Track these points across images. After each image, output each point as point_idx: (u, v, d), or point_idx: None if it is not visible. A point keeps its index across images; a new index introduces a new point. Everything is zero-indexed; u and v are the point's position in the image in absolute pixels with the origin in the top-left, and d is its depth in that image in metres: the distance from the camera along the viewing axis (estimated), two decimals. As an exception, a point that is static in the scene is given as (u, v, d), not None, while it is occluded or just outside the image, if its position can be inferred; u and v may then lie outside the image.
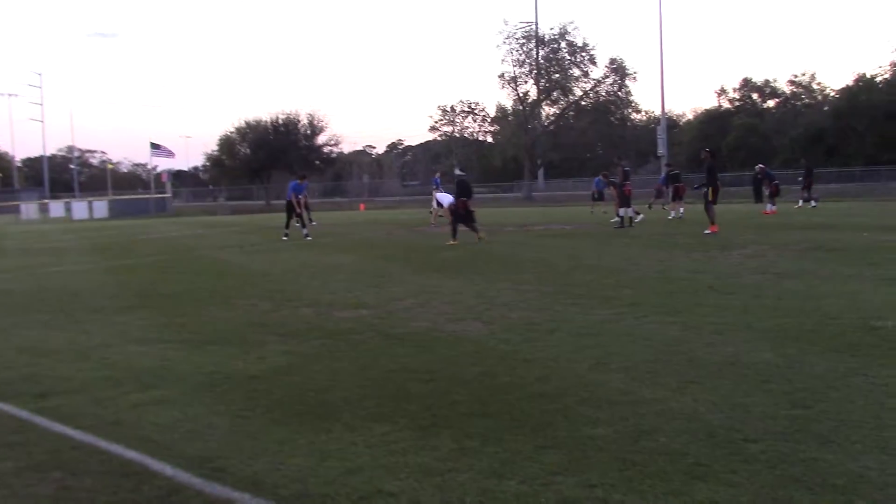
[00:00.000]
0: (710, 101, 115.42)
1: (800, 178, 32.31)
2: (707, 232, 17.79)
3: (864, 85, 67.94)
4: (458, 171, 20.42)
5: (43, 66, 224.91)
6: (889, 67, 67.95)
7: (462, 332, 7.30)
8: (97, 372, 6.24)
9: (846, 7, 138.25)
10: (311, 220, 25.38)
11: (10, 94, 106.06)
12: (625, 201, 21.84)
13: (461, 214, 18.12)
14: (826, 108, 73.93)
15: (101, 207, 59.70)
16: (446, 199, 21.85)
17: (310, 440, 4.35)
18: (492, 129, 73.39)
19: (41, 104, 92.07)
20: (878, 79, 67.97)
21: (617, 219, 22.19)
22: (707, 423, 4.35)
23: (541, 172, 71.60)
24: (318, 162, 76.96)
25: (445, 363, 6.07)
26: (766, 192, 29.17)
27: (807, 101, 77.73)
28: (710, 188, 18.93)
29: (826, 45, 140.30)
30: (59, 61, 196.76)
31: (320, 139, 76.02)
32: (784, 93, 78.68)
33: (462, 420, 4.59)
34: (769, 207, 27.07)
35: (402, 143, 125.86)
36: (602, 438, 4.17)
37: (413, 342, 6.93)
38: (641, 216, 23.80)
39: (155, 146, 62.21)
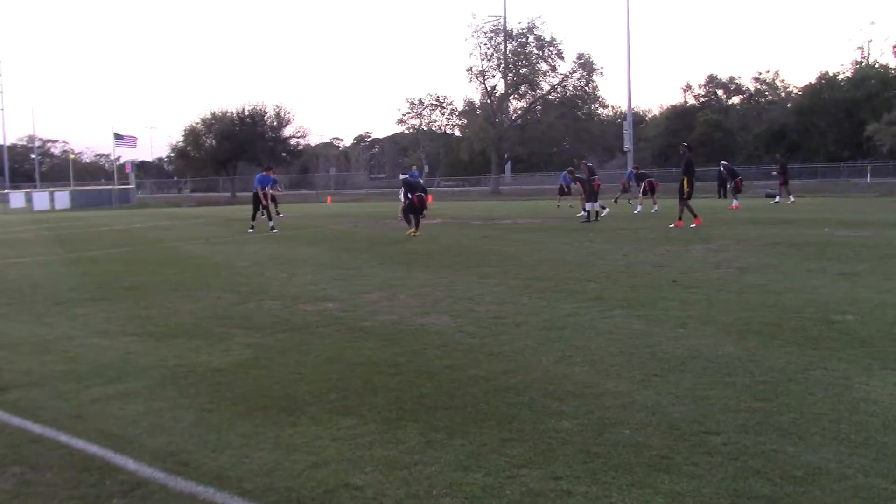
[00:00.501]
0: (676, 97, 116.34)
1: (774, 173, 32.69)
2: (693, 226, 18.10)
3: (827, 83, 68.92)
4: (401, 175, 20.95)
5: (2, 52, 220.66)
6: (851, 66, 69.02)
7: (428, 326, 7.31)
8: (58, 365, 6.16)
9: (810, 6, 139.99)
10: (277, 213, 25.27)
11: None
12: (592, 196, 22.08)
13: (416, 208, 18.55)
14: (789, 106, 74.90)
15: (62, 198, 58.93)
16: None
17: (275, 434, 4.33)
18: (459, 122, 73.31)
19: (1, 92, 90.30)
20: (840, 77, 68.99)
21: (583, 213, 22.40)
22: (670, 416, 4.40)
23: (508, 166, 71.77)
24: (284, 154, 76.54)
25: (412, 356, 6.07)
26: (731, 187, 29.56)
27: (770, 98, 78.66)
28: (686, 181, 19.15)
29: (790, 44, 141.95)
30: (20, 47, 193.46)
31: (287, 131, 75.65)
32: (748, 90, 79.58)
33: (428, 413, 4.60)
34: (734, 203, 27.30)
35: (369, 136, 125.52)
36: (567, 431, 4.20)
37: (379, 335, 6.93)
38: (607, 210, 23.99)
39: (118, 136, 61.56)
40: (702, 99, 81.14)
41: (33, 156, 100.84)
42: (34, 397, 5.23)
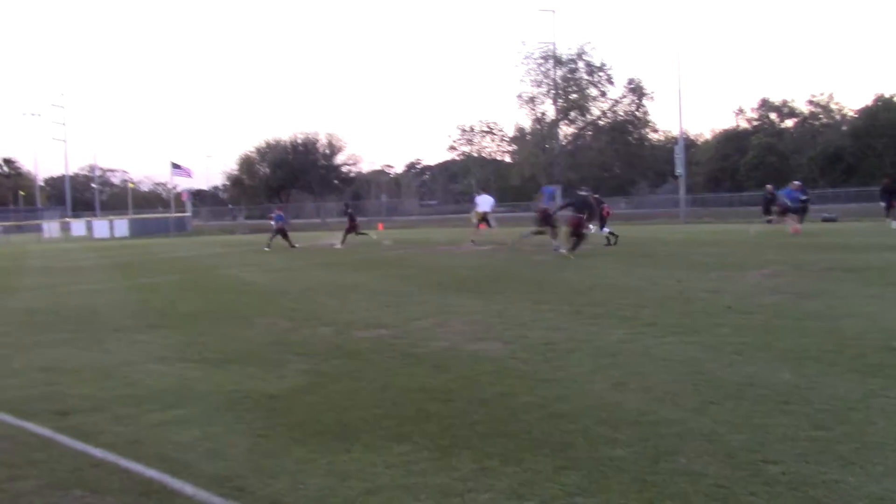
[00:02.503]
0: (728, 121, 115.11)
1: (882, 203, 30.56)
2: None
3: (884, 104, 67.70)
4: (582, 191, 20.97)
5: (66, 85, 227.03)
6: (908, 87, 67.58)
7: (481, 352, 7.31)
8: (118, 390, 6.29)
9: (865, 28, 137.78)
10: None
11: (33, 114, 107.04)
12: (602, 221, 22.95)
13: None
14: (844, 128, 73.71)
15: (121, 226, 60.22)
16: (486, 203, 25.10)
17: (329, 460, 4.37)
18: (510, 148, 73.41)
19: (64, 124, 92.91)
20: (896, 98, 67.73)
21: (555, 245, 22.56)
22: (727, 445, 4.33)
23: (558, 191, 71.53)
24: (336, 181, 77.44)
25: (464, 383, 6.08)
26: (772, 210, 28.71)
27: (825, 120, 77.51)
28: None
29: (844, 66, 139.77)
30: (82, 81, 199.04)
31: (339, 159, 76.62)
32: (802, 113, 78.51)
33: (482, 440, 4.60)
34: (794, 226, 26.38)
35: (419, 163, 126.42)
36: (621, 459, 4.17)
37: (432, 362, 6.95)
38: (614, 238, 23.52)
39: (175, 166, 62.78)
40: (754, 122, 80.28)
41: (94, 185, 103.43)
42: (95, 422, 5.34)
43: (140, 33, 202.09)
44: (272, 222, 29.78)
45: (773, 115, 79.87)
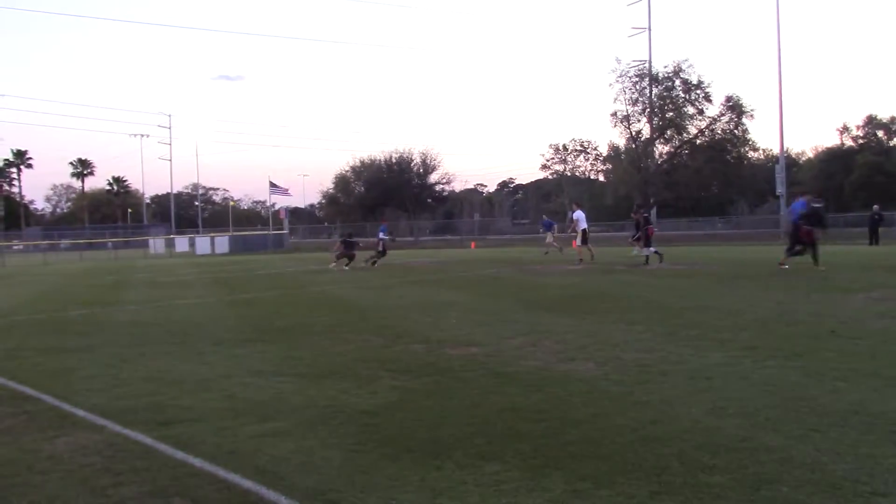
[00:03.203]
0: (831, 139, 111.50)
1: None
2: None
3: None
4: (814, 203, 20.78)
5: (172, 107, 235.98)
6: None
7: (573, 372, 7.23)
8: (217, 402, 6.46)
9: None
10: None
11: (141, 135, 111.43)
12: (647, 241, 23.24)
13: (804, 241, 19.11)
14: (958, 146, 70.59)
15: (222, 243, 61.94)
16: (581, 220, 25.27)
17: (421, 476, 4.38)
18: (604, 167, 72.83)
19: (170, 144, 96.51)
20: None
21: (642, 255, 23.56)
22: (831, 474, 4.16)
23: (654, 211, 70.46)
24: (430, 200, 78.08)
25: (556, 403, 6.02)
26: None
27: (937, 138, 74.33)
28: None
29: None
30: (187, 103, 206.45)
31: (433, 177, 77.28)
32: (912, 130, 75.48)
33: (574, 461, 4.54)
34: None
35: (512, 182, 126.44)
36: (720, 486, 4.05)
37: (524, 381, 6.90)
38: (658, 259, 23.06)
39: (273, 185, 64.35)
40: (860, 140, 77.58)
41: (197, 203, 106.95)
42: (195, 432, 5.49)
43: (242, 56, 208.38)
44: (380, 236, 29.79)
45: (880, 133, 77.01)
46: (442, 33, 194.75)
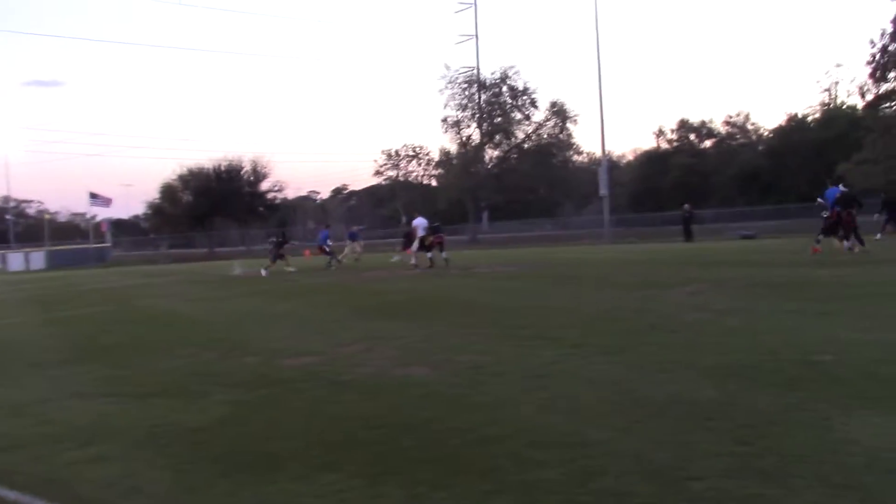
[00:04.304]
0: (649, 142, 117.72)
1: (876, 216, 29.01)
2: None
3: (797, 124, 70.18)
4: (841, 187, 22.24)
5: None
6: (819, 107, 70.33)
7: (408, 377, 7.27)
8: (33, 428, 6.06)
9: (777, 49, 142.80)
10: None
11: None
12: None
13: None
14: (761, 148, 76.11)
15: (37, 258, 58.42)
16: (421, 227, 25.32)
17: (254, 492, 4.27)
18: (436, 172, 73.72)
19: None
20: (809, 118, 70.26)
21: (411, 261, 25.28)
22: (653, 463, 4.38)
23: (485, 215, 72.09)
24: (261, 208, 76.59)
25: (392, 409, 6.03)
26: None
27: (742, 140, 79.87)
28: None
29: (759, 87, 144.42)
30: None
31: (264, 185, 75.85)
32: (720, 133, 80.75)
33: (411, 466, 4.55)
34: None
35: (346, 188, 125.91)
36: (550, 481, 4.17)
37: (359, 389, 6.88)
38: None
39: (93, 196, 61.42)
40: (675, 143, 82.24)
41: (8, 216, 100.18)
42: (9, 461, 5.14)
43: (55, 60, 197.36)
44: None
45: (692, 136, 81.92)
46: (271, 37, 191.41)
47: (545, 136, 65.82)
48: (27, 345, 11.38)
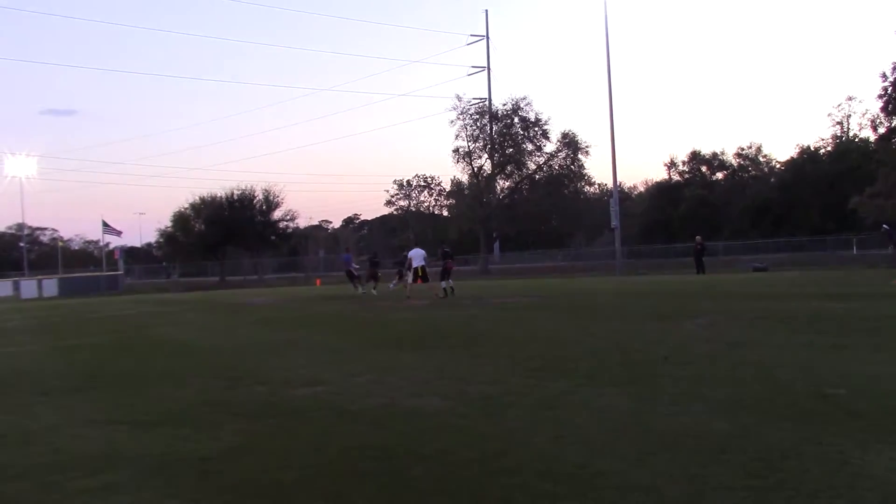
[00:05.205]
0: (660, 173, 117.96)
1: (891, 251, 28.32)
2: None
3: (809, 157, 70.21)
4: None
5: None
6: (831, 140, 70.39)
7: (419, 408, 7.23)
8: (43, 457, 6.04)
9: (789, 82, 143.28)
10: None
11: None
12: (445, 275, 25.98)
13: None
14: (772, 180, 76.08)
15: (50, 286, 58.65)
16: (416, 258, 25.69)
17: (263, 523, 4.24)
18: (447, 202, 74.02)
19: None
20: (821, 151, 70.29)
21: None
22: (664, 496, 4.33)
23: (496, 245, 72.19)
24: (273, 237, 76.85)
25: (402, 439, 5.99)
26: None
27: (753, 172, 79.90)
28: None
29: (771, 119, 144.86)
30: (10, 138, 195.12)
31: (276, 214, 76.15)
32: (731, 165, 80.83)
33: (420, 498, 4.52)
34: None
35: (358, 218, 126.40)
36: (561, 514, 4.13)
37: (369, 419, 6.84)
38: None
39: (106, 225, 61.80)
40: (686, 175, 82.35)
41: (22, 244, 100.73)
42: (18, 490, 5.12)
43: (72, 90, 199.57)
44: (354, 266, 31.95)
45: (703, 168, 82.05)
46: (285, 67, 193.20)
47: (556, 167, 66.07)
48: (37, 372, 11.38)
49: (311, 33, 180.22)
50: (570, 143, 64.24)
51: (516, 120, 64.03)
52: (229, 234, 71.97)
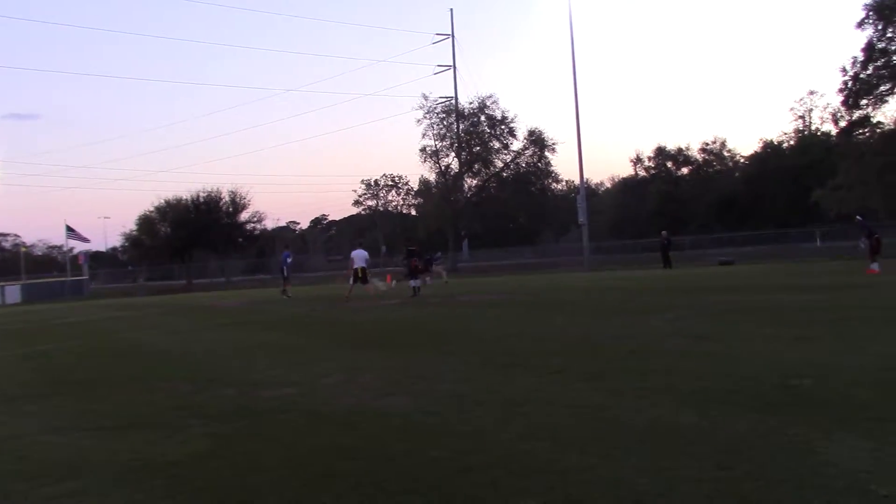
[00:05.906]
0: (626, 170, 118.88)
1: (862, 245, 26.38)
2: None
3: (772, 151, 71.04)
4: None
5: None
6: (793, 134, 71.25)
7: (389, 407, 7.22)
8: (7, 465, 5.95)
9: (751, 76, 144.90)
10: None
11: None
12: (412, 274, 26.42)
13: None
14: (737, 174, 76.88)
15: (13, 292, 57.73)
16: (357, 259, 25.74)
17: (233, 526, 4.21)
18: (415, 201, 73.95)
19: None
20: (784, 145, 71.12)
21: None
22: (634, 489, 4.36)
23: (465, 243, 72.26)
24: (240, 239, 76.26)
25: (372, 440, 5.98)
26: (864, 248, 25.41)
27: (718, 167, 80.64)
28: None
29: (734, 114, 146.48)
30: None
31: (243, 216, 75.53)
32: (696, 160, 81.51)
33: (390, 498, 4.51)
34: (873, 266, 23.79)
35: (325, 218, 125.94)
36: (531, 509, 4.14)
37: (339, 419, 6.82)
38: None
39: (70, 230, 61.01)
40: (652, 171, 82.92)
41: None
42: (-20, 500, 5.04)
43: (32, 93, 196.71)
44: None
45: (669, 163, 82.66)
46: (248, 68, 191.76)
47: (524, 164, 66.32)
48: (1, 379, 11.22)
49: (276, 34, 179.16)
50: (537, 141, 64.51)
51: (483, 118, 64.19)
52: (196, 236, 71.25)
